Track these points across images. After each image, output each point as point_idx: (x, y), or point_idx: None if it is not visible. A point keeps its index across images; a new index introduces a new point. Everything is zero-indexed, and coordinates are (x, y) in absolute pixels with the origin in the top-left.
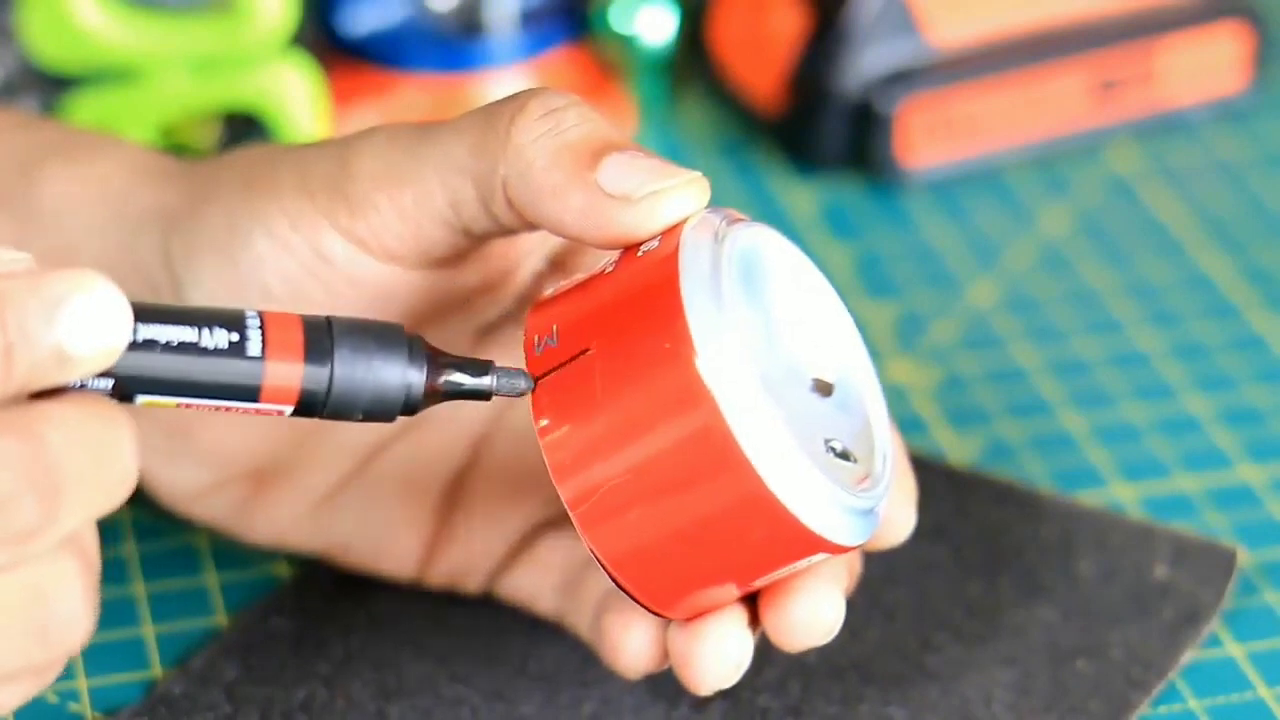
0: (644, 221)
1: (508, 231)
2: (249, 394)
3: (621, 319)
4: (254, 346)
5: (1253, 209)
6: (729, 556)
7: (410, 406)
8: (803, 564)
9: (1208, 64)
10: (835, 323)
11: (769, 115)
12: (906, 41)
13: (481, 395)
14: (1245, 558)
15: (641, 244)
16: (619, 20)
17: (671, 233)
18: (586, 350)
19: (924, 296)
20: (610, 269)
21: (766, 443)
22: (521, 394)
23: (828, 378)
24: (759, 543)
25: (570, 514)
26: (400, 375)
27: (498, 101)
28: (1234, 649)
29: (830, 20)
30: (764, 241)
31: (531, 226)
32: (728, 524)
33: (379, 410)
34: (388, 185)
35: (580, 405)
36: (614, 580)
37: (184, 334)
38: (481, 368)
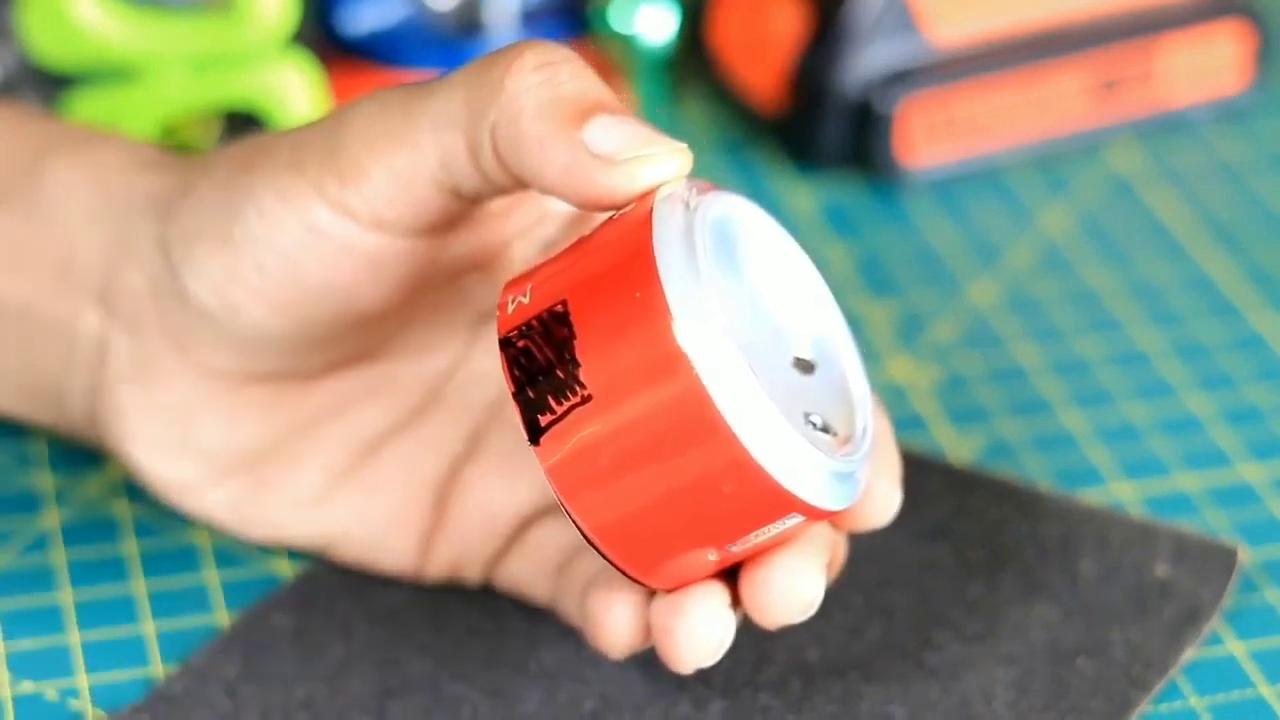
0: (624, 184)
1: (496, 190)
2: None
3: (595, 284)
4: None
5: (1253, 209)
6: (705, 517)
7: None
8: (778, 526)
9: (1208, 64)
10: (811, 292)
11: (769, 115)
12: (906, 41)
13: None
14: (1246, 556)
15: (618, 211)
16: (619, 20)
17: (643, 201)
18: (560, 303)
19: (924, 296)
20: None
21: (741, 400)
22: None
23: (807, 354)
24: (734, 502)
25: (546, 477)
26: None
27: (493, 52)
28: (1235, 647)
29: (830, 20)
30: (736, 209)
31: (518, 183)
32: (703, 483)
33: None
34: (377, 149)
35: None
36: (592, 544)
37: None
38: None
